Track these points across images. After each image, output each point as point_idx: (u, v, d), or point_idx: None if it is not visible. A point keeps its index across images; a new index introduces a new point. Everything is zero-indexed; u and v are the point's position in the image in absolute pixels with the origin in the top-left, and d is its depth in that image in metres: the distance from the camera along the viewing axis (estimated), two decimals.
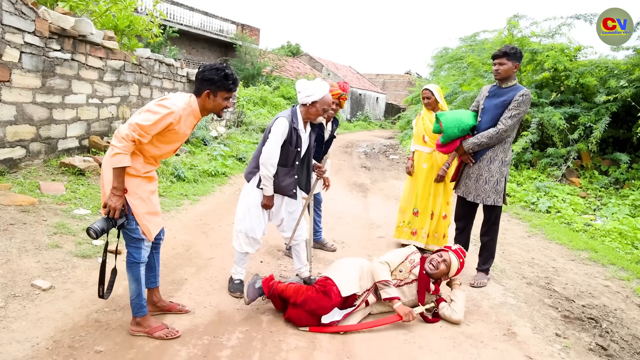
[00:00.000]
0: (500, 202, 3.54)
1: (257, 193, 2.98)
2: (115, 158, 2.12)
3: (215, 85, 2.31)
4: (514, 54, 3.38)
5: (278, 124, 2.86)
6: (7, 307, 2.51)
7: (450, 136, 3.63)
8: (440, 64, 13.68)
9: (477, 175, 3.59)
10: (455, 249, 3.10)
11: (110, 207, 2.18)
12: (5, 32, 4.31)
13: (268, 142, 2.87)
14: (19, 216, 3.64)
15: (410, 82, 35.56)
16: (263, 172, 2.87)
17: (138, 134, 2.14)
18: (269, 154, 2.85)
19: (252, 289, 2.84)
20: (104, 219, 2.19)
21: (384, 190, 7.62)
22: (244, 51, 20.50)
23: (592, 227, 5.76)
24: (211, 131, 9.16)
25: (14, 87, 4.51)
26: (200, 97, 2.34)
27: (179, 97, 2.31)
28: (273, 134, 2.86)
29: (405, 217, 4.38)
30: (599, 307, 3.46)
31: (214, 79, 2.29)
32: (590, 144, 7.68)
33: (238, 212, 3.04)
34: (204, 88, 2.31)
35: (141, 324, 2.45)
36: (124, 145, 2.12)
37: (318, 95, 2.88)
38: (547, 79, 9.20)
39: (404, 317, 2.82)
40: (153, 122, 2.16)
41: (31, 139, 4.82)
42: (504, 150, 3.51)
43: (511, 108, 3.39)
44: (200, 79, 2.31)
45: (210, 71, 2.30)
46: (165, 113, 2.18)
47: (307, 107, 2.94)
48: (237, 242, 3.05)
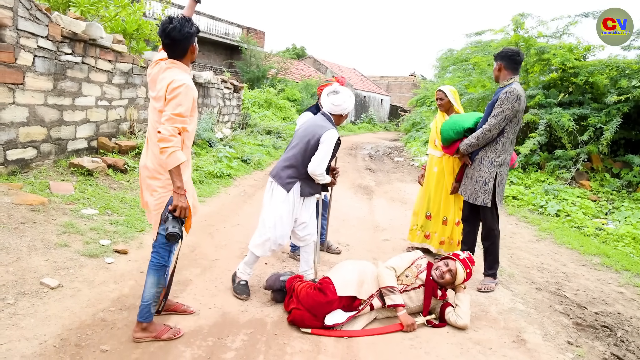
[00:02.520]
0: (488, 203, 3.52)
1: (292, 201, 3.04)
2: (172, 157, 2.12)
3: (194, 36, 2.34)
4: (499, 54, 3.52)
5: (331, 136, 2.98)
6: (16, 305, 2.53)
7: (446, 139, 3.78)
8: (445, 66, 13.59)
9: (471, 175, 3.66)
10: (463, 258, 3.01)
11: (180, 207, 2.19)
12: (20, 36, 4.39)
13: (321, 153, 2.97)
14: (30, 215, 3.69)
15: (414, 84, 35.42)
16: (319, 179, 3.05)
17: (180, 122, 2.17)
18: (320, 166, 2.98)
19: (275, 278, 3.02)
20: (174, 219, 2.20)
21: (388, 193, 7.59)
22: (249, 54, 20.62)
23: (604, 232, 5.66)
24: (216, 133, 9.20)
25: (27, 89, 4.58)
26: (186, 54, 2.36)
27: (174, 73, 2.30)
28: (327, 145, 2.97)
29: (419, 220, 4.35)
30: (613, 315, 3.38)
31: (192, 30, 2.31)
32: (600, 146, 7.53)
33: (268, 219, 3.05)
34: (188, 44, 2.33)
35: (147, 329, 2.42)
36: (175, 142, 2.13)
37: (351, 107, 3.14)
38: (555, 79, 9.07)
39: (406, 328, 2.82)
40: (183, 105, 2.20)
41: (42, 139, 4.88)
42: (494, 151, 3.53)
43: (495, 107, 3.45)
44: (182, 39, 2.28)
45: (184, 25, 2.27)
46: (183, 89, 2.21)
47: (342, 116, 3.14)
48: (262, 248, 3.07)
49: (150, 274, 2.37)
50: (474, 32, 11.39)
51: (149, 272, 2.38)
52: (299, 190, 3.05)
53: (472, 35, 11.46)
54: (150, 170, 2.38)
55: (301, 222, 3.15)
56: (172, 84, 2.23)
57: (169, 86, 2.24)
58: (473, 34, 11.44)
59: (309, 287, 2.82)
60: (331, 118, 3.11)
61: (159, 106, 2.31)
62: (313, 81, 22.53)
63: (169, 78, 2.27)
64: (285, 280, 2.98)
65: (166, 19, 2.30)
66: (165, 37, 2.29)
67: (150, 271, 2.37)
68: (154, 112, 2.38)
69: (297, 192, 3.05)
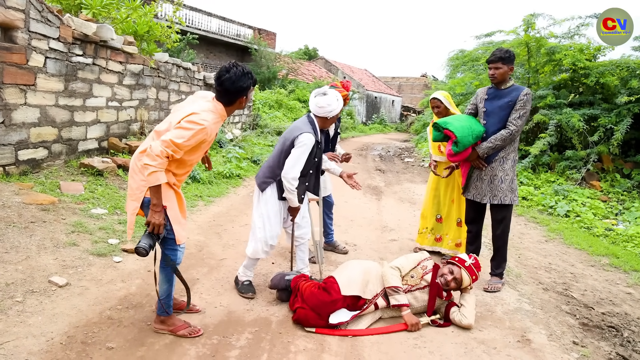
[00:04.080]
0: (516, 201, 3.58)
1: (274, 201, 3.02)
2: (152, 177, 2.14)
3: (248, 90, 2.37)
4: (508, 58, 3.45)
5: (305, 140, 2.88)
6: (25, 302, 2.58)
7: (465, 145, 3.60)
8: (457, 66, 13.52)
9: (490, 176, 3.56)
10: (469, 265, 2.98)
11: (153, 224, 2.21)
12: (32, 38, 4.47)
13: (293, 157, 2.88)
14: (40, 214, 3.75)
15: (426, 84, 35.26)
16: (287, 186, 2.89)
17: (172, 150, 2.17)
18: (292, 169, 2.87)
19: (280, 277, 3.02)
20: (147, 235, 2.23)
21: (398, 194, 7.57)
22: (260, 55, 20.72)
23: (614, 232, 5.59)
24: (227, 134, 9.27)
25: (39, 90, 4.66)
26: (233, 105, 2.38)
27: (206, 109, 2.29)
28: (300, 150, 2.88)
29: (428, 223, 4.32)
30: (620, 315, 3.34)
31: (247, 85, 2.33)
32: (611, 146, 7.45)
33: (256, 221, 3.05)
34: (238, 96, 2.35)
35: (165, 322, 2.50)
36: (159, 163, 2.13)
37: (339, 109, 3.03)
38: (565, 80, 8.99)
39: (410, 327, 2.81)
40: (187, 139, 2.18)
41: (53, 140, 4.97)
42: (514, 149, 3.57)
43: (518, 108, 3.42)
44: (233, 91, 2.31)
45: (240, 79, 2.30)
46: (198, 129, 2.20)
47: (326, 119, 3.05)
48: (255, 249, 3.06)
49: (160, 272, 2.45)
50: (483, 34, 11.33)
51: (159, 270, 2.45)
52: (276, 190, 3.00)
53: (482, 37, 11.40)
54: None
55: (290, 222, 3.13)
56: (194, 116, 2.22)
57: (191, 114, 2.22)
58: (482, 36, 11.37)
59: (313, 287, 2.83)
60: (314, 121, 3.03)
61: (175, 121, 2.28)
62: (324, 82, 22.57)
63: (198, 109, 2.26)
64: (290, 280, 2.99)
65: (225, 66, 2.32)
66: (218, 84, 2.33)
67: (160, 269, 2.45)
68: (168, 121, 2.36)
69: (275, 192, 3.00)
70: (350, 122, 22.37)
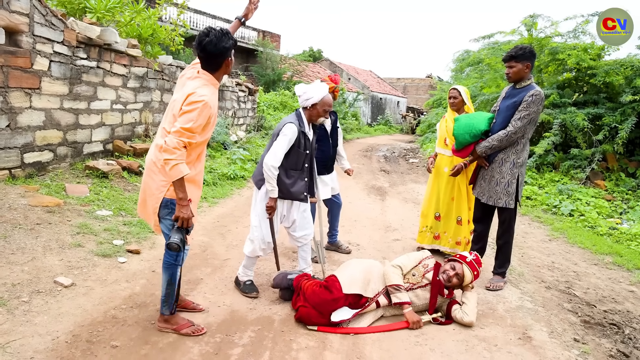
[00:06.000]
0: (511, 205, 3.48)
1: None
2: (175, 170, 2.13)
3: (230, 50, 2.34)
4: (523, 54, 3.34)
5: (287, 129, 2.92)
6: (31, 302, 2.63)
7: (462, 142, 3.66)
8: (462, 67, 13.51)
9: (489, 177, 3.56)
10: (470, 261, 3.00)
11: (182, 218, 2.23)
12: (36, 42, 4.53)
13: (275, 145, 2.92)
14: (45, 216, 3.80)
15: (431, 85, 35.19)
16: (267, 173, 2.89)
17: (187, 137, 2.18)
18: (274, 157, 2.89)
19: (283, 276, 3.03)
20: (177, 229, 2.26)
21: (402, 194, 7.57)
22: (265, 57, 20.78)
23: (618, 231, 5.57)
24: (231, 135, 9.31)
25: (43, 94, 4.72)
26: (220, 68, 2.36)
27: (198, 85, 2.29)
28: (281, 138, 2.91)
29: (427, 221, 4.33)
30: (622, 313, 3.34)
31: (228, 45, 2.30)
32: (616, 145, 7.41)
33: (253, 219, 3.09)
34: (223, 58, 2.33)
35: (169, 321, 2.53)
36: (178, 155, 2.14)
37: (317, 97, 2.98)
38: (569, 79, 8.95)
39: (412, 325, 2.82)
40: (195, 120, 2.19)
41: (58, 143, 5.03)
42: (516, 152, 3.45)
43: (521, 109, 3.34)
44: (217, 53, 2.29)
45: (221, 40, 2.27)
46: (201, 106, 2.20)
47: (309, 109, 3.04)
48: (251, 247, 3.09)
49: (164, 272, 2.48)
50: (481, 36, 11.37)
51: (163, 271, 2.48)
52: None
53: (480, 39, 11.41)
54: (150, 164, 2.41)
55: (291, 221, 3.14)
56: (191, 97, 2.22)
57: (188, 97, 2.23)
58: (481, 38, 11.39)
59: (315, 285, 2.86)
60: (301, 114, 3.06)
61: (176, 110, 2.30)
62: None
63: (191, 88, 2.27)
64: (293, 279, 3.01)
65: (203, 31, 2.30)
66: (200, 50, 2.30)
67: (164, 270, 2.48)
68: (170, 114, 2.38)
69: None
70: (355, 123, 22.33)
